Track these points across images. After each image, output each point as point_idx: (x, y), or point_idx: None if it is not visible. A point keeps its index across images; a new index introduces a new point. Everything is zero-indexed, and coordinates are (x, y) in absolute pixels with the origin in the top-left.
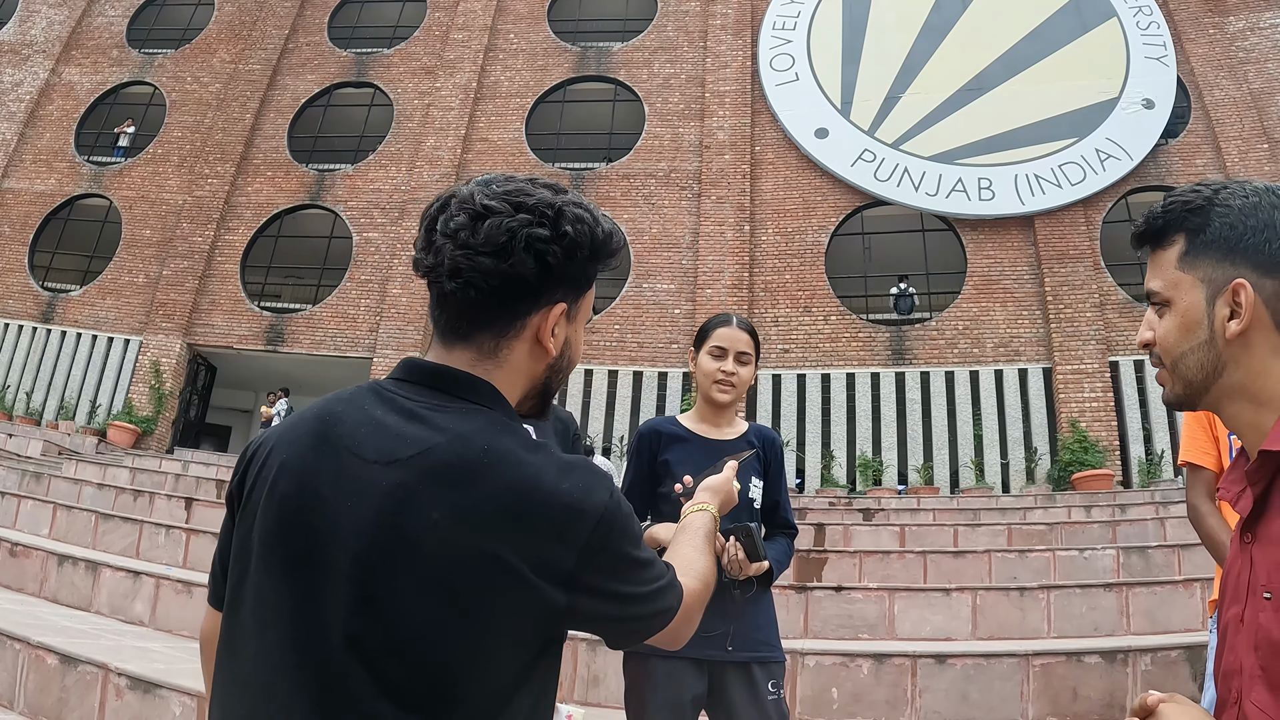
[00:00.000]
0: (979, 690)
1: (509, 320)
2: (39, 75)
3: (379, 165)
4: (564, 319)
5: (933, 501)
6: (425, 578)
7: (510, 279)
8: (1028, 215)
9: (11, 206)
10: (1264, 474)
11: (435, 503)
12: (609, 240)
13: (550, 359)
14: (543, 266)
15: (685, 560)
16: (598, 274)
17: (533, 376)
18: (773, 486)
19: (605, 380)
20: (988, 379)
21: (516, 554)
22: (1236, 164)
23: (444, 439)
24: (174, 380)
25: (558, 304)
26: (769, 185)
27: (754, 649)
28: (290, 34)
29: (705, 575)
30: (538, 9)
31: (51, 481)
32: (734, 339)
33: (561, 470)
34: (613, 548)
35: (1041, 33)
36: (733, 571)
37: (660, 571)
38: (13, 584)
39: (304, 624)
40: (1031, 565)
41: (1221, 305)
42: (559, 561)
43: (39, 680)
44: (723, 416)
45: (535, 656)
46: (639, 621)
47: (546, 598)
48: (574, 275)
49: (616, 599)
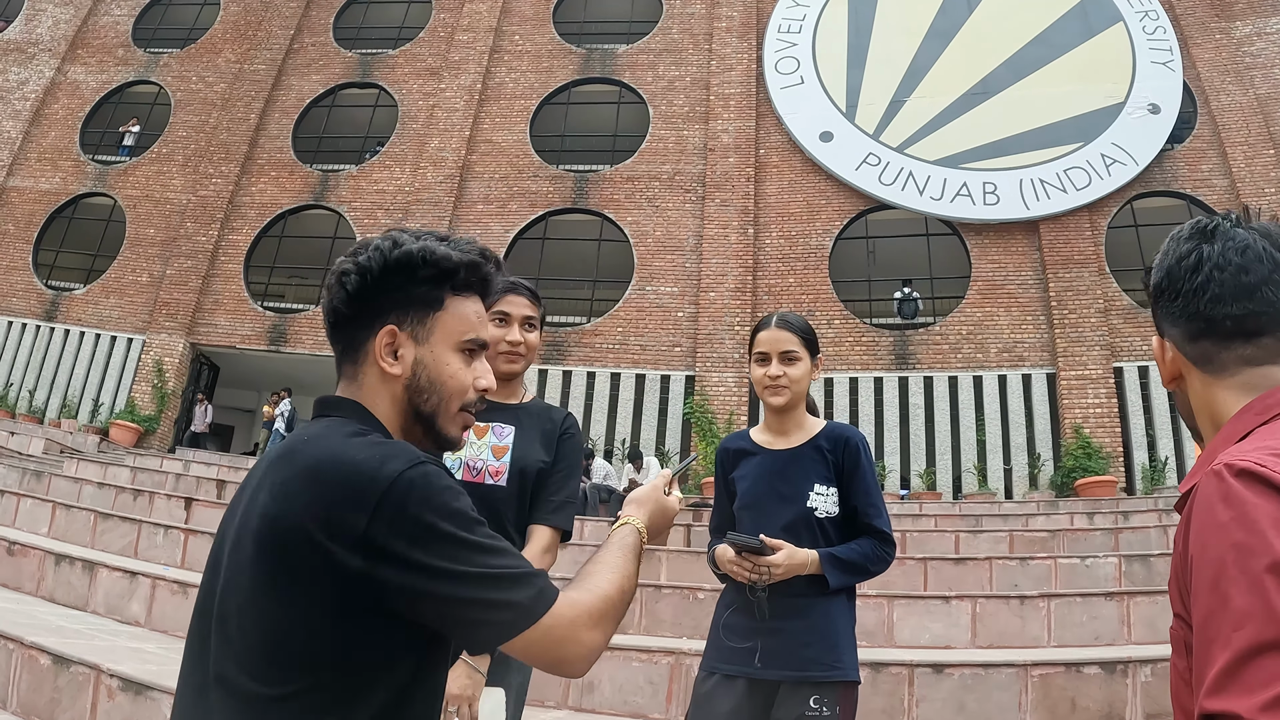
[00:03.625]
0: (976, 701)
1: (354, 349)
2: (44, 74)
3: (383, 166)
4: (410, 340)
5: (935, 507)
6: (253, 551)
7: (334, 311)
8: (1032, 220)
9: (16, 204)
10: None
11: (265, 484)
12: (408, 259)
13: (403, 379)
14: (349, 295)
15: (585, 574)
16: (441, 293)
17: (394, 397)
18: (849, 492)
19: (608, 383)
20: (991, 384)
21: (311, 518)
22: (1242, 169)
23: (293, 439)
24: (177, 379)
25: (386, 326)
26: (773, 188)
27: (792, 666)
28: (295, 34)
29: (607, 592)
30: (543, 11)
31: (52, 480)
32: (774, 340)
33: (371, 447)
34: (411, 514)
35: (1047, 37)
36: (742, 578)
37: (504, 561)
38: (10, 583)
39: (201, 601)
40: (1033, 573)
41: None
42: (351, 524)
43: (32, 680)
44: (787, 422)
45: (392, 638)
46: (471, 608)
47: (340, 561)
48: (394, 297)
49: (423, 572)
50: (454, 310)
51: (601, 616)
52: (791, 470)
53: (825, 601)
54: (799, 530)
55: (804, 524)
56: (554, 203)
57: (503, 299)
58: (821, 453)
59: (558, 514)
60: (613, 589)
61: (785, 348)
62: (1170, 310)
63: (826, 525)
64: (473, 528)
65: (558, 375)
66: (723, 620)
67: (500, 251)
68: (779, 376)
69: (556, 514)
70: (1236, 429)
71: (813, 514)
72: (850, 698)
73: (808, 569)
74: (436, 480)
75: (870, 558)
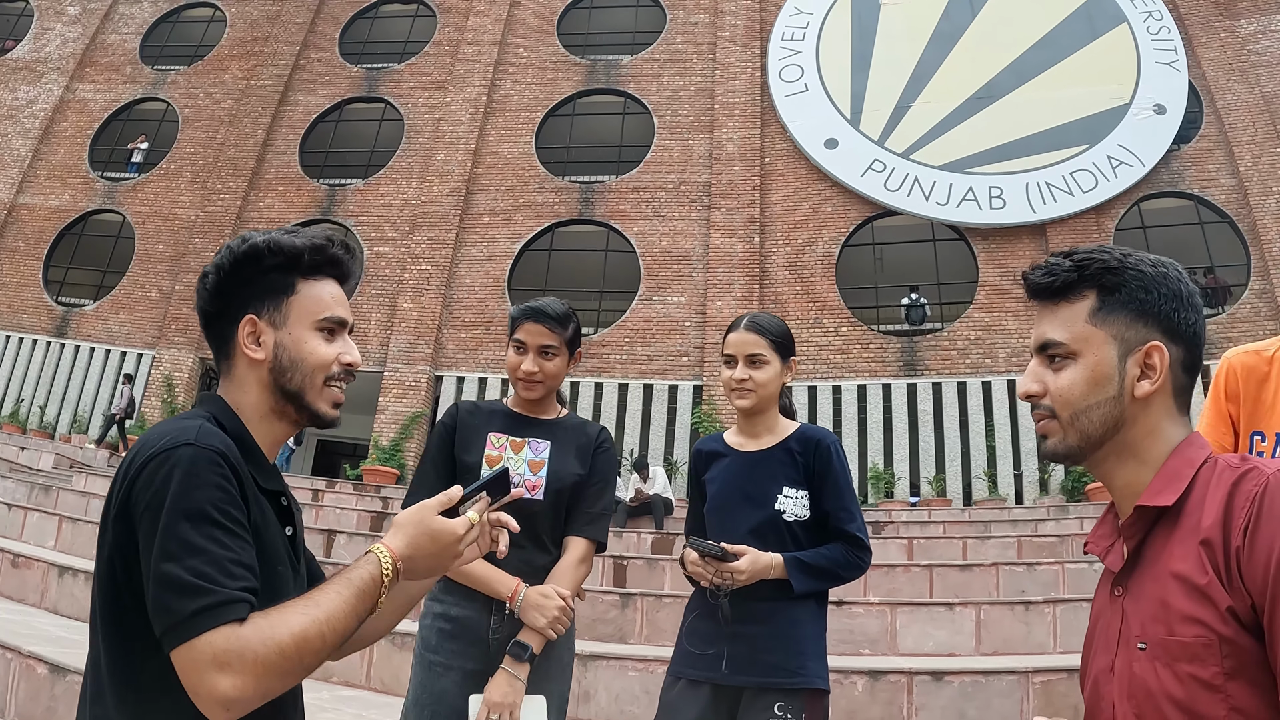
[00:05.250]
0: (977, 708)
1: (224, 344)
2: (53, 92)
3: (389, 180)
4: (269, 326)
5: (944, 514)
6: (103, 528)
7: (203, 313)
8: (1039, 224)
9: (26, 222)
10: (1139, 529)
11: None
12: (254, 251)
13: (267, 363)
14: (210, 293)
15: (293, 606)
16: (291, 279)
17: (261, 382)
18: (820, 495)
19: (615, 394)
20: (1000, 389)
21: (116, 483)
22: (1249, 168)
23: None
24: (186, 394)
25: (246, 317)
26: (779, 196)
27: (755, 672)
28: (302, 50)
29: (280, 640)
30: (547, 23)
31: (60, 494)
32: (741, 343)
33: (172, 424)
34: (156, 486)
35: (1051, 39)
36: (705, 582)
37: (193, 564)
38: (14, 594)
39: None
40: (1040, 578)
41: (1133, 364)
42: (119, 491)
43: (29, 689)
44: (758, 425)
45: None
46: (151, 598)
47: (117, 532)
48: (250, 290)
49: (142, 542)
50: (306, 293)
51: (255, 663)
52: (760, 473)
53: (790, 607)
54: (766, 534)
55: (772, 527)
56: (560, 214)
57: (520, 327)
58: (792, 455)
59: (593, 526)
60: (292, 634)
61: (751, 350)
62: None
63: (796, 529)
64: (198, 522)
65: (565, 387)
66: (687, 625)
67: (507, 264)
68: (744, 380)
69: (591, 526)
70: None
71: (781, 517)
72: (818, 706)
73: (772, 573)
74: (194, 465)
75: (840, 563)
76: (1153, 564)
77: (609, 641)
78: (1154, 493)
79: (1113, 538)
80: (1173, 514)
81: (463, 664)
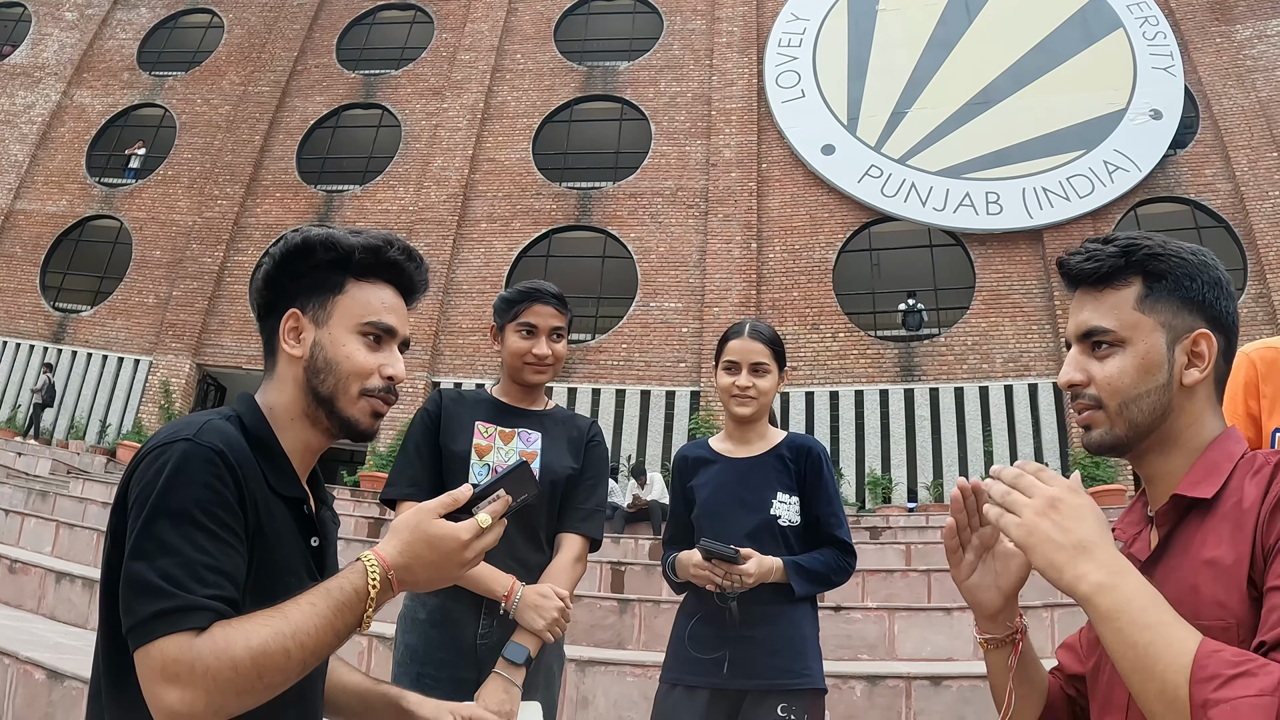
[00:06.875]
0: (975, 713)
1: (270, 339)
2: (51, 98)
3: (387, 186)
4: (310, 323)
5: (941, 519)
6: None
7: (258, 306)
8: (1036, 229)
9: (23, 227)
10: (1172, 518)
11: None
12: (308, 244)
13: (303, 360)
14: (263, 283)
15: (257, 618)
16: (341, 277)
17: (296, 380)
18: (811, 501)
19: (613, 400)
20: (997, 394)
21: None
22: (1246, 173)
23: None
24: (183, 400)
25: (290, 311)
26: (776, 202)
27: (760, 675)
28: (299, 56)
29: (235, 655)
30: (544, 29)
31: (57, 500)
32: (746, 351)
33: (184, 421)
34: (149, 478)
35: (1048, 45)
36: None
37: (162, 564)
38: (11, 600)
39: None
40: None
41: (1180, 352)
42: (122, 482)
43: (26, 694)
44: (750, 432)
45: None
46: (120, 599)
47: (115, 523)
48: (300, 282)
49: (130, 532)
50: (354, 294)
51: (204, 677)
52: (754, 478)
53: (791, 609)
54: (762, 538)
55: (767, 531)
56: (557, 220)
57: (528, 309)
58: (784, 462)
59: (587, 522)
60: (249, 649)
61: (756, 359)
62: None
63: (789, 534)
64: (178, 521)
65: (562, 393)
66: (688, 630)
67: (504, 270)
68: (748, 387)
69: (586, 522)
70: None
71: (776, 522)
72: (818, 706)
73: (773, 576)
74: (185, 462)
75: (833, 567)
76: (1183, 552)
77: (607, 647)
78: (1192, 483)
79: (1141, 525)
80: (1208, 504)
81: (452, 672)
